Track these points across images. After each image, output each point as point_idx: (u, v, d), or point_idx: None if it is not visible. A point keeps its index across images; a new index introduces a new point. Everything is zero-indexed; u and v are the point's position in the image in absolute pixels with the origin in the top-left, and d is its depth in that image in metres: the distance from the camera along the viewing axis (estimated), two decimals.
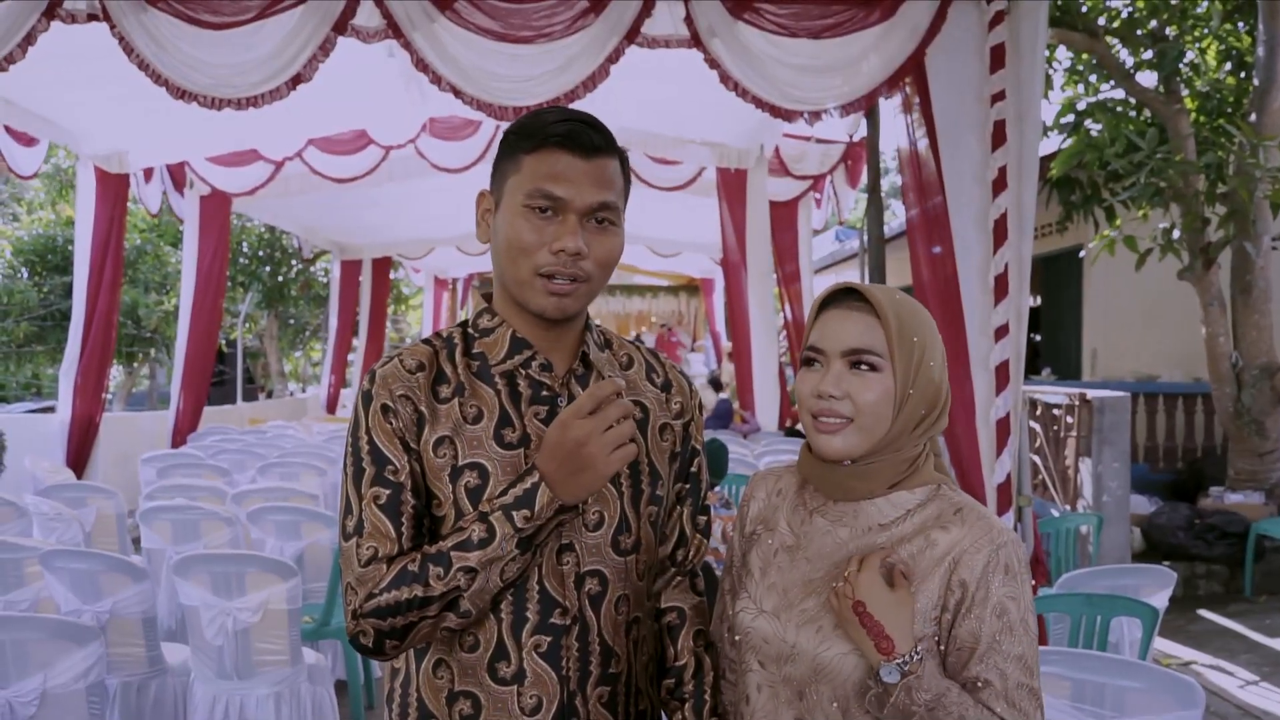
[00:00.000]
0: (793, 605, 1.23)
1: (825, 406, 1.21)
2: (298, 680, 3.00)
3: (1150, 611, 2.63)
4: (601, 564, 1.25)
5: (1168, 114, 6.66)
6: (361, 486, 1.20)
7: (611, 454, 1.13)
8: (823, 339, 1.23)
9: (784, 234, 8.00)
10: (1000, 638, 1.13)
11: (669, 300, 20.34)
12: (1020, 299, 3.57)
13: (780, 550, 1.29)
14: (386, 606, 1.14)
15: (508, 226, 1.22)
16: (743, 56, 3.45)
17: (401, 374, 1.23)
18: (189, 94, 3.32)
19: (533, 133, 1.22)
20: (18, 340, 14.03)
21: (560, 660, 1.22)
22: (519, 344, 1.27)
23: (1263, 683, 4.46)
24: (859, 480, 1.23)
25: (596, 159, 1.21)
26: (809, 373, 1.25)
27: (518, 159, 1.22)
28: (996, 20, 3.50)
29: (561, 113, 1.23)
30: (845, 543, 1.24)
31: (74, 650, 2.38)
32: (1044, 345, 11.79)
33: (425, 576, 1.14)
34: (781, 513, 1.32)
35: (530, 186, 1.20)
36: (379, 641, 1.16)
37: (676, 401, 1.38)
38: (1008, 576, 1.15)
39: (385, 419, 1.20)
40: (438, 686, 1.23)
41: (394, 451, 1.20)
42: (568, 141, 1.20)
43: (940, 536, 1.18)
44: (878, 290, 1.22)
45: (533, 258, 1.21)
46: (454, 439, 1.21)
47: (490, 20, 3.31)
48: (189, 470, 5.37)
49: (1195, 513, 6.37)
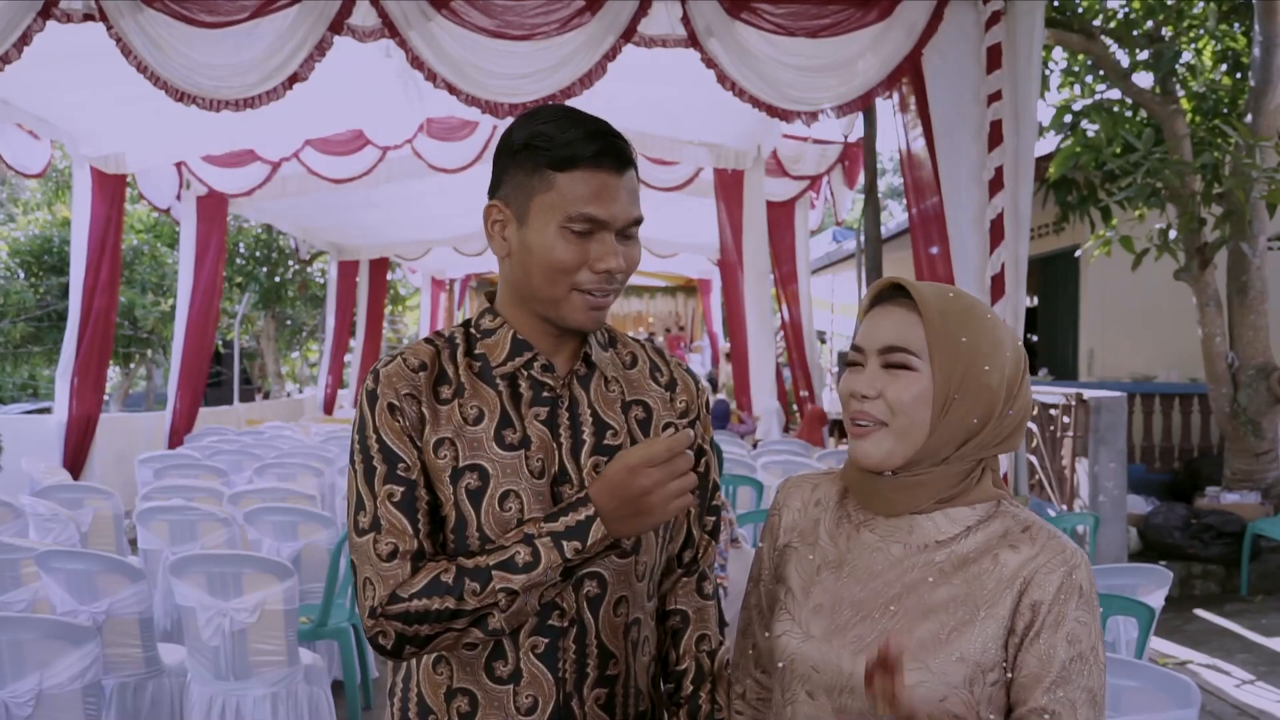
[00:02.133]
0: (844, 630, 1.12)
1: (859, 409, 1.13)
2: (294, 681, 2.99)
3: (1146, 611, 2.63)
4: (601, 566, 1.24)
5: (1164, 114, 6.67)
6: (374, 484, 1.18)
7: (671, 505, 1.13)
8: (864, 338, 1.15)
9: (781, 234, 8.02)
10: (1072, 666, 1.04)
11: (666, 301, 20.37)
12: (1017, 298, 3.58)
13: (823, 567, 1.19)
14: (415, 613, 1.13)
15: (543, 248, 1.19)
16: (740, 56, 3.46)
17: (405, 373, 1.22)
18: (189, 96, 3.32)
19: (563, 149, 1.17)
20: (14, 341, 14.00)
21: (557, 662, 1.22)
22: (520, 346, 1.26)
23: (1259, 682, 4.46)
24: (900, 493, 1.14)
25: (628, 172, 1.21)
26: (850, 374, 1.17)
27: (547, 176, 1.18)
28: (993, 20, 3.51)
29: (584, 126, 1.19)
30: (899, 560, 1.13)
31: (70, 651, 2.37)
32: (1041, 346, 11.80)
33: (460, 590, 1.13)
34: (822, 525, 1.22)
35: (572, 210, 1.17)
36: (399, 644, 1.15)
37: (682, 400, 1.36)
38: (1082, 601, 1.06)
39: (393, 417, 1.19)
40: (437, 682, 1.23)
41: (404, 449, 1.19)
42: (604, 160, 1.18)
43: (1009, 556, 1.09)
44: (925, 286, 1.13)
45: (573, 276, 1.19)
46: (455, 440, 1.20)
47: (486, 18, 3.31)
48: (186, 471, 5.37)
49: (1192, 513, 6.37)
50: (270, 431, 7.94)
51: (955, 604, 1.08)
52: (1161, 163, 6.18)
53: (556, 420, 1.25)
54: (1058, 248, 10.01)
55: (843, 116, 3.97)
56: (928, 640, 1.07)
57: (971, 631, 1.06)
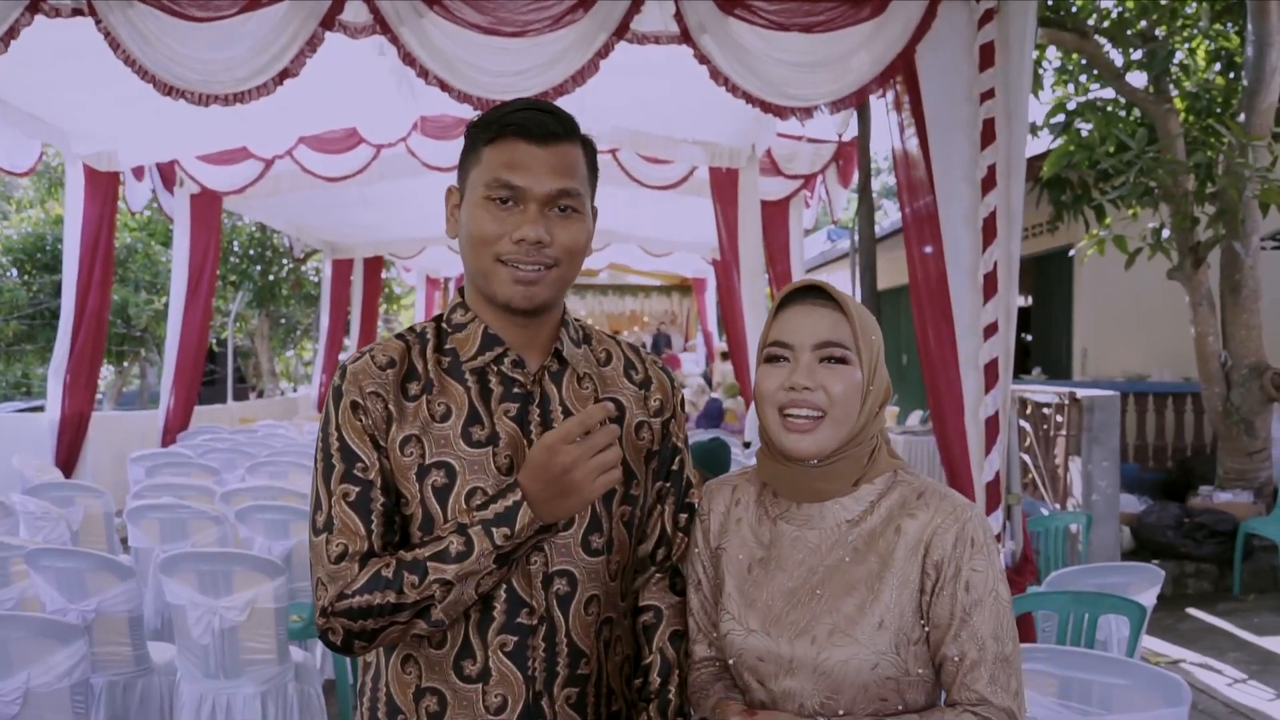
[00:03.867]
0: (780, 619, 1.22)
1: (798, 398, 1.21)
2: (285, 679, 2.98)
3: (1138, 609, 2.63)
4: (571, 564, 1.23)
5: (1157, 113, 6.68)
6: (331, 483, 1.18)
7: (596, 480, 1.12)
8: (791, 333, 1.23)
9: (776, 233, 7.99)
10: (973, 611, 1.16)
11: (662, 300, 20.35)
12: (1009, 297, 3.57)
13: (753, 565, 1.27)
14: (358, 609, 1.13)
15: (470, 219, 1.21)
16: (733, 52, 3.45)
17: (372, 370, 1.21)
18: (176, 90, 3.30)
19: (490, 123, 1.22)
20: (7, 339, 13.96)
21: (526, 660, 1.21)
22: (491, 340, 1.25)
23: (1251, 681, 4.47)
24: (826, 481, 1.24)
25: (555, 146, 1.21)
26: (775, 368, 1.24)
27: (478, 151, 1.22)
28: (986, 18, 3.50)
29: (521, 102, 1.23)
30: (817, 546, 1.24)
31: (58, 649, 2.36)
32: (1035, 345, 11.82)
33: (399, 584, 1.13)
34: (745, 523, 1.31)
35: (489, 177, 1.20)
36: (348, 640, 1.16)
37: (656, 399, 1.36)
38: (975, 550, 1.18)
39: (355, 416, 1.19)
40: (406, 682, 1.22)
41: (364, 449, 1.18)
42: (524, 130, 1.19)
43: (909, 524, 1.20)
44: (837, 288, 1.25)
45: (494, 247, 1.20)
46: (421, 438, 1.20)
47: (478, 15, 3.30)
48: (178, 469, 5.35)
49: (1185, 511, 6.39)
50: (263, 430, 7.92)
51: (872, 578, 1.19)
52: (1155, 162, 6.19)
53: (527, 417, 1.24)
54: (1051, 247, 10.02)
55: (837, 113, 3.96)
56: (853, 614, 1.18)
57: (889, 599, 1.18)
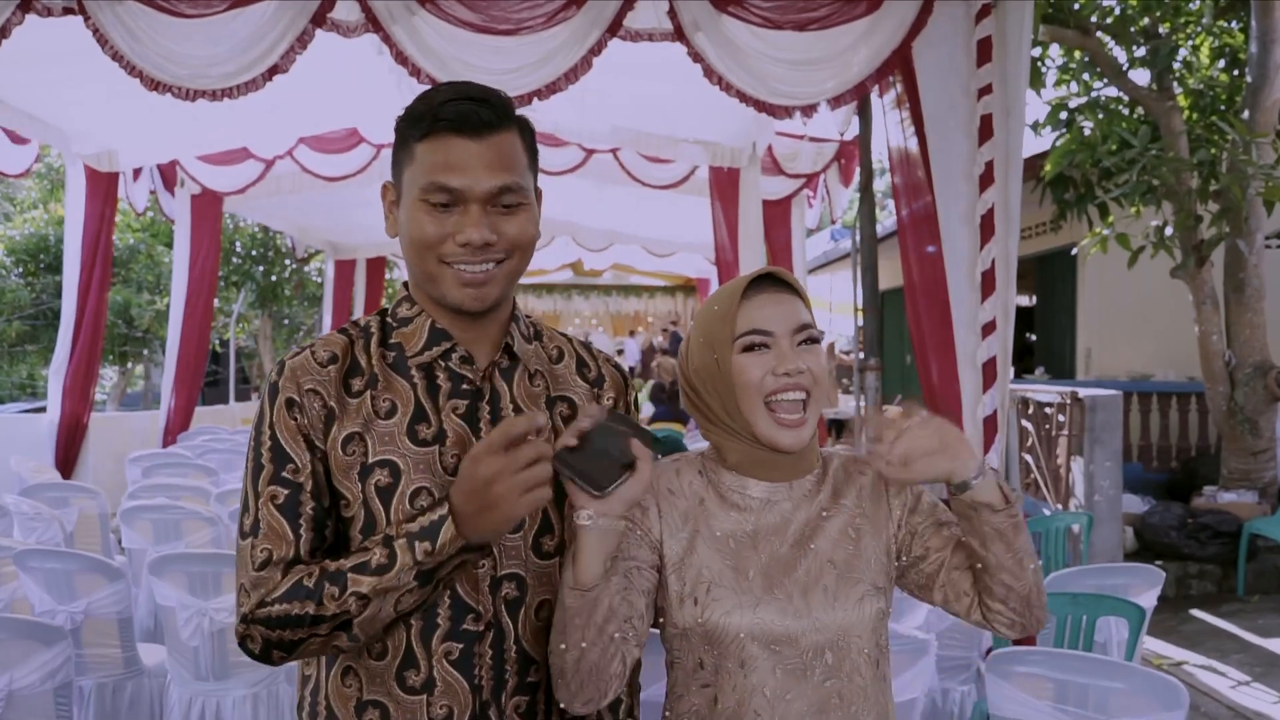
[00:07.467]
0: (782, 585, 1.22)
1: (790, 382, 1.22)
2: (275, 681, 2.96)
3: (1137, 611, 2.60)
4: (520, 567, 1.19)
5: (1160, 111, 6.64)
6: (259, 484, 1.13)
7: (522, 496, 1.03)
8: (767, 320, 1.24)
9: (777, 233, 7.96)
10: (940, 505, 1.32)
11: (665, 300, 20.36)
12: (1007, 295, 3.54)
13: (733, 541, 1.25)
14: (277, 618, 1.08)
15: (409, 221, 1.16)
16: (727, 50, 3.43)
17: (311, 366, 1.16)
18: (163, 85, 3.28)
19: (420, 117, 1.15)
20: (10, 340, 13.99)
21: (473, 669, 1.16)
22: (438, 335, 1.21)
23: (1255, 683, 4.43)
24: (803, 458, 1.29)
25: (490, 138, 1.15)
26: (756, 356, 1.23)
27: (410, 148, 1.16)
28: (983, 13, 3.48)
29: (450, 91, 1.16)
30: (791, 513, 1.27)
31: (41, 651, 2.34)
32: (1038, 345, 11.77)
33: (319, 595, 1.07)
34: (708, 504, 1.28)
35: (425, 180, 1.14)
36: (266, 650, 1.10)
37: (609, 397, 1.32)
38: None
39: (289, 414, 1.14)
40: (346, 695, 1.17)
41: (296, 450, 1.13)
42: (457, 125, 1.13)
43: (861, 480, 1.31)
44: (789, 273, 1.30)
45: (437, 250, 1.15)
46: (364, 435, 1.15)
47: (470, 13, 3.28)
48: (174, 470, 5.34)
49: (1188, 512, 6.34)
50: None
51: (850, 525, 1.27)
52: (1158, 160, 6.15)
53: (476, 415, 1.20)
54: (1054, 246, 9.98)
55: (835, 109, 3.93)
56: (850, 556, 1.26)
57: (875, 531, 1.28)
